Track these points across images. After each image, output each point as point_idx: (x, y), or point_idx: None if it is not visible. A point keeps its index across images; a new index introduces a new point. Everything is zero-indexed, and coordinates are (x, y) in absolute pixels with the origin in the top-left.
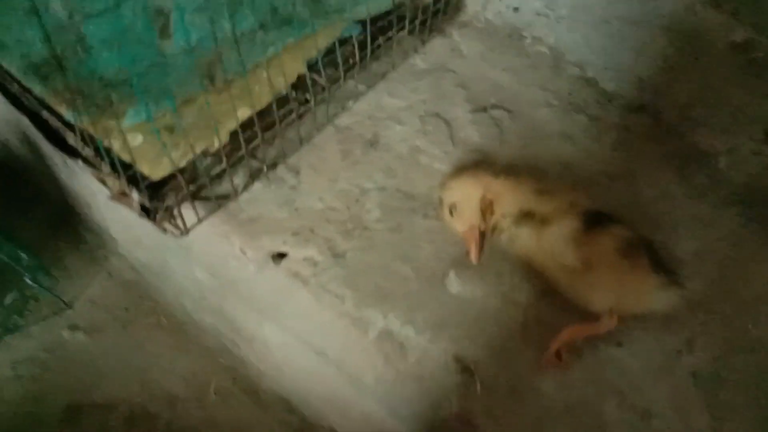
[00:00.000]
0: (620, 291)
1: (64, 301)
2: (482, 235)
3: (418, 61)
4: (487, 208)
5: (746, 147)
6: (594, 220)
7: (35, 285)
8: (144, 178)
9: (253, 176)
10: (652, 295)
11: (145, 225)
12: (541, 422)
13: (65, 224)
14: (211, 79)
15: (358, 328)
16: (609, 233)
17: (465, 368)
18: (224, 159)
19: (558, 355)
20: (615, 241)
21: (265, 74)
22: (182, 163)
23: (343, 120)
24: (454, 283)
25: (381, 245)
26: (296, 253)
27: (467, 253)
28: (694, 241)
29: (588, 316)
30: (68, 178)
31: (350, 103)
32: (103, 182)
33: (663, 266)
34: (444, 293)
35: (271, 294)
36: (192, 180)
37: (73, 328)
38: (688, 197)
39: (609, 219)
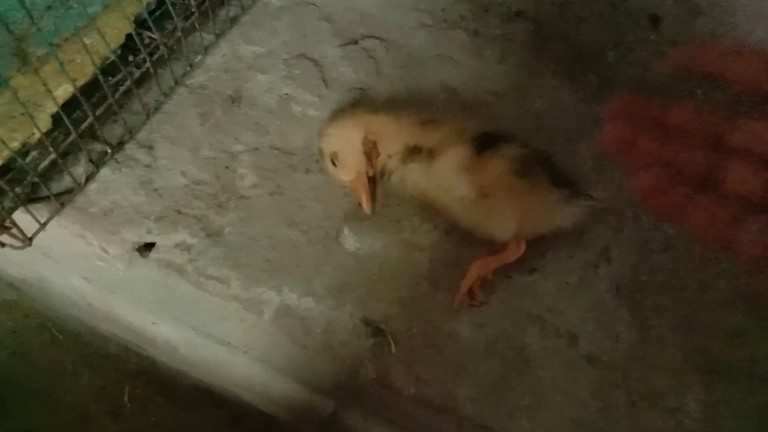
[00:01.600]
0: (522, 214)
1: None
2: (371, 180)
3: (273, 0)
4: (371, 151)
5: (632, 36)
6: (485, 144)
7: None
8: None
9: (97, 162)
10: (555, 212)
11: None
12: (463, 367)
13: None
14: (23, 57)
15: (252, 310)
16: (501, 155)
17: (376, 329)
18: (51, 147)
19: (471, 293)
20: (508, 162)
21: (88, 41)
22: None
23: (196, 79)
24: (350, 240)
25: (262, 213)
26: (165, 240)
27: (359, 205)
28: (592, 147)
29: (496, 246)
30: None
31: (199, 58)
32: None
33: (564, 179)
34: (340, 253)
35: (151, 290)
36: (18, 182)
37: None
38: (581, 101)
39: (501, 140)
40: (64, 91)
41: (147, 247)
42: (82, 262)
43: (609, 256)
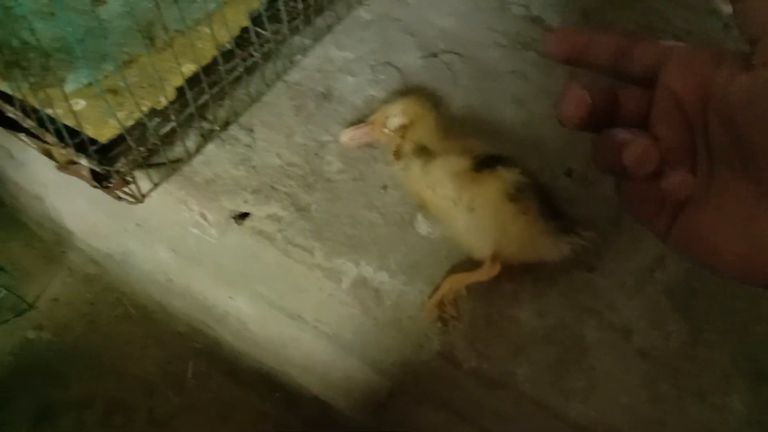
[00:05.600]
0: (502, 237)
1: (26, 302)
2: (372, 136)
3: (363, 13)
4: (402, 126)
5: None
6: (486, 164)
7: None
8: (92, 142)
9: (206, 137)
10: (538, 243)
11: (98, 210)
12: (523, 350)
13: (16, 223)
14: (152, 38)
15: (331, 278)
16: (497, 176)
17: (442, 305)
18: (173, 116)
19: (441, 306)
20: (502, 184)
21: (206, 30)
22: (129, 123)
23: (293, 75)
24: (423, 225)
25: (345, 195)
26: (259, 210)
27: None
28: None
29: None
30: (14, 174)
31: (298, 57)
32: (49, 154)
33: (556, 214)
34: (414, 236)
35: (238, 260)
36: (142, 144)
37: (38, 328)
38: None
39: (503, 162)
40: (186, 69)
41: (242, 216)
42: (174, 231)
43: (664, 263)
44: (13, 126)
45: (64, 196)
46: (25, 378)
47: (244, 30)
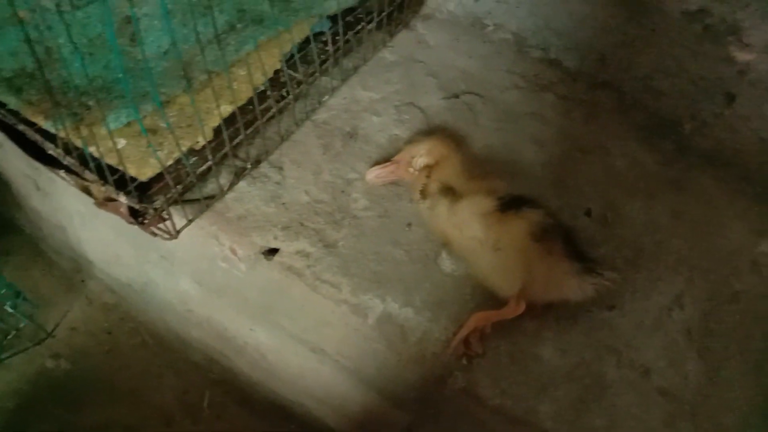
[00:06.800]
0: (528, 276)
1: (45, 330)
2: (398, 175)
3: (387, 54)
4: (427, 167)
5: (707, 111)
6: (511, 205)
7: (16, 314)
8: (132, 180)
9: (238, 174)
10: (563, 282)
11: (123, 241)
12: (546, 388)
13: (36, 252)
14: (189, 79)
15: (358, 314)
16: (523, 217)
17: (467, 343)
18: (210, 156)
19: (467, 344)
20: (528, 224)
21: (242, 72)
22: (169, 162)
23: (320, 115)
24: (447, 263)
25: (370, 232)
26: (288, 246)
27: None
28: (669, 204)
29: (497, 301)
30: (39, 203)
31: (326, 97)
32: (87, 191)
33: (580, 255)
34: (438, 273)
35: (264, 293)
36: (178, 181)
37: (56, 356)
38: (658, 164)
39: (528, 204)
40: (224, 110)
41: (271, 252)
42: (201, 264)
43: (682, 303)
44: (53, 162)
45: (89, 227)
46: (43, 406)
47: (276, 71)
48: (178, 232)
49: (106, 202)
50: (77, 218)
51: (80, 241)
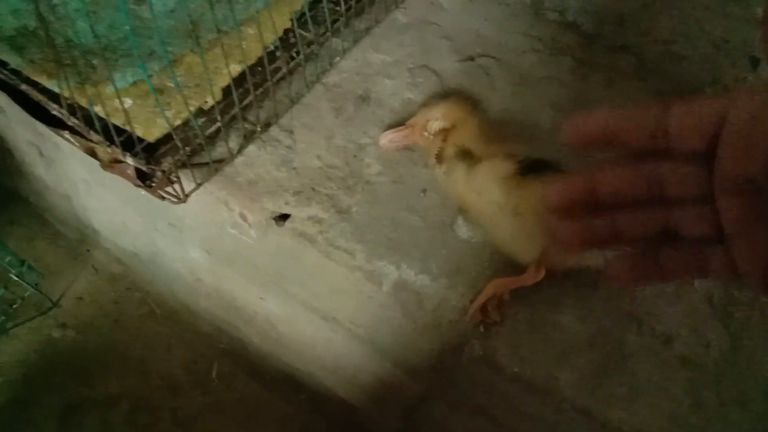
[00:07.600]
0: (548, 242)
1: (51, 300)
2: (412, 136)
3: (400, 16)
4: (443, 131)
5: (730, 76)
6: (531, 168)
7: (21, 282)
8: (139, 141)
9: (248, 138)
10: None
11: (130, 209)
12: (566, 356)
13: (40, 221)
14: (197, 38)
15: (372, 281)
16: (542, 180)
17: (484, 310)
18: (219, 117)
19: (484, 311)
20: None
21: (251, 30)
22: (177, 122)
23: (331, 78)
24: (463, 229)
25: (385, 198)
26: (300, 212)
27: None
28: None
29: (516, 267)
30: (43, 172)
31: (337, 59)
32: (93, 153)
33: None
34: (454, 239)
35: (275, 260)
36: (186, 143)
37: (63, 326)
38: None
39: (549, 167)
40: (233, 69)
41: (282, 218)
42: (210, 231)
43: None
44: (57, 124)
45: (94, 195)
46: (51, 376)
47: (286, 31)
48: (187, 195)
49: (112, 164)
50: (82, 186)
51: (86, 210)
